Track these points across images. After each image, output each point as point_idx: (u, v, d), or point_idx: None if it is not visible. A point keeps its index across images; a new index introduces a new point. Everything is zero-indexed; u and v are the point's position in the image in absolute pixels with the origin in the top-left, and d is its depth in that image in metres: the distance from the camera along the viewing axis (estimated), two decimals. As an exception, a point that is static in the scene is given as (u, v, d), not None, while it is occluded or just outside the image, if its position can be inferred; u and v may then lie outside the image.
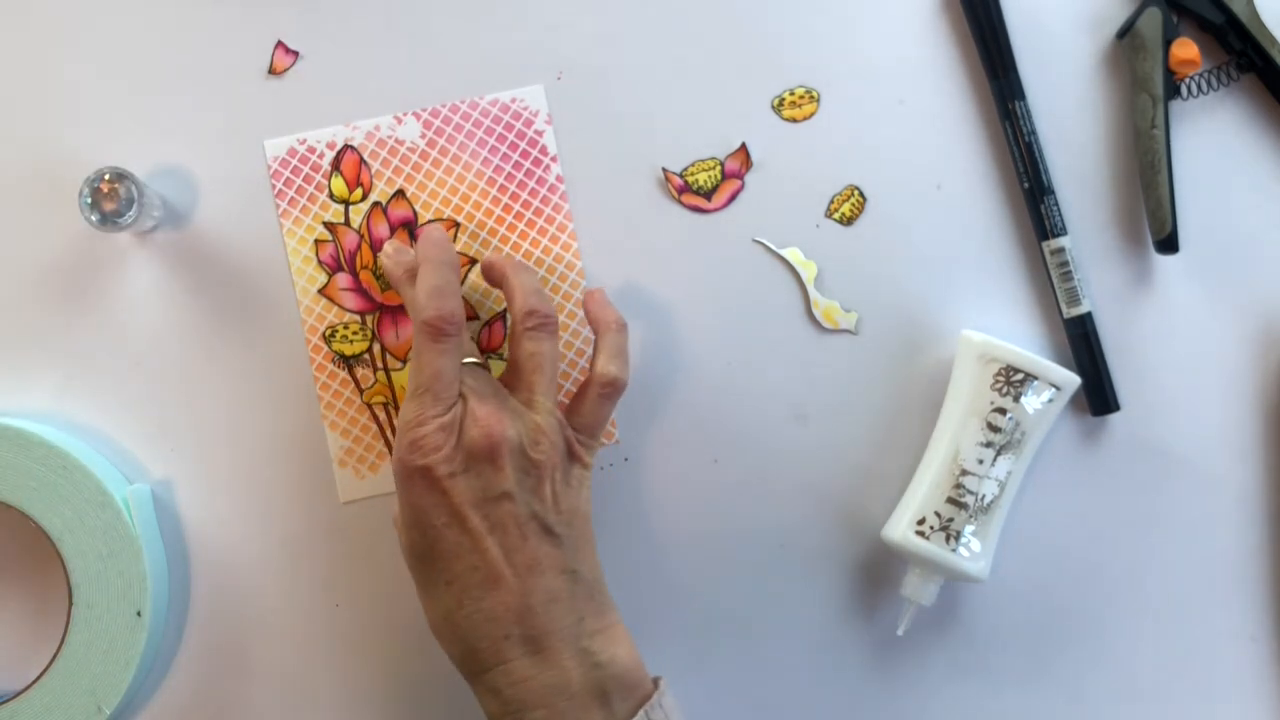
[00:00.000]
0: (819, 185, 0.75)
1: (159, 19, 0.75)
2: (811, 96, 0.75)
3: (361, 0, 0.75)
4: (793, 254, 0.74)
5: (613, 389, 0.69)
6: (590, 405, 0.69)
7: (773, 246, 0.75)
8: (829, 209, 0.75)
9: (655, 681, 0.66)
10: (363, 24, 0.75)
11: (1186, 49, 0.73)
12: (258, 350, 0.74)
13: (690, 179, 0.74)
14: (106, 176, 0.70)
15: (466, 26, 0.75)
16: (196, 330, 0.74)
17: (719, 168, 0.75)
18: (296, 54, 0.75)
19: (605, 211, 0.75)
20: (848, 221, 0.75)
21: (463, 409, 0.65)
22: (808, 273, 0.74)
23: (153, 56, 0.75)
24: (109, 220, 0.70)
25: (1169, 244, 0.72)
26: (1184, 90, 0.74)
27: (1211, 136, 0.75)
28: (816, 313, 0.74)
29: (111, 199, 0.70)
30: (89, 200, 0.70)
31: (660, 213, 0.75)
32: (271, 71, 0.75)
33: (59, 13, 0.75)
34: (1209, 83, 0.74)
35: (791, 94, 0.75)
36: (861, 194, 0.75)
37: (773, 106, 0.75)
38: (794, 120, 0.75)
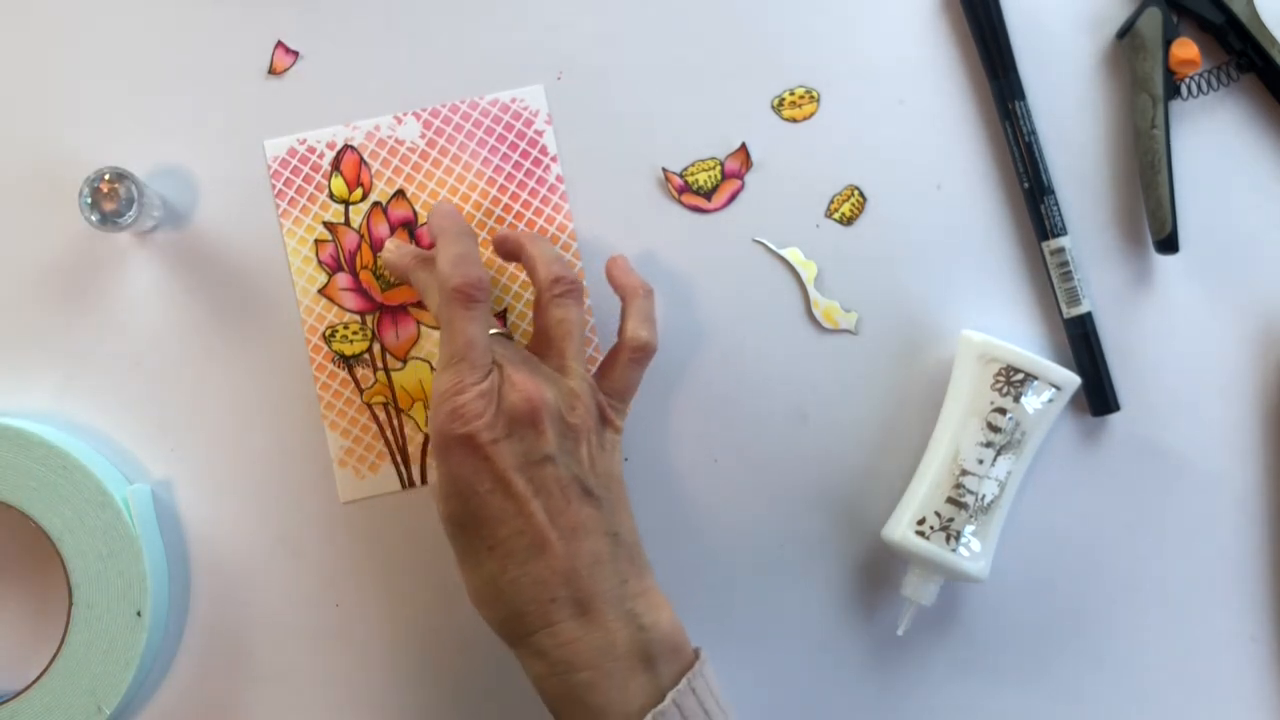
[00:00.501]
0: (819, 185, 0.75)
1: (159, 19, 0.75)
2: (811, 96, 0.75)
3: (361, 0, 0.75)
4: (793, 254, 0.74)
5: (643, 353, 0.69)
6: (621, 370, 0.69)
7: (773, 246, 0.75)
8: (829, 209, 0.75)
9: (696, 651, 0.66)
10: (363, 24, 0.75)
11: (1186, 49, 0.73)
12: (258, 351, 0.74)
13: (690, 179, 0.74)
14: (106, 176, 0.70)
15: (466, 26, 0.75)
16: (196, 330, 0.74)
17: (719, 168, 0.75)
18: (296, 54, 0.75)
19: (605, 211, 0.75)
20: (848, 221, 0.75)
21: (499, 375, 0.65)
22: (808, 273, 0.74)
23: (153, 56, 0.75)
24: (109, 220, 0.70)
25: (1169, 244, 0.72)
26: (1184, 90, 0.74)
27: (1211, 136, 0.75)
28: (816, 313, 0.74)
29: (111, 199, 0.70)
30: (89, 200, 0.70)
31: (660, 213, 0.75)
32: (271, 71, 0.75)
33: (59, 13, 0.75)
34: (1209, 83, 0.74)
35: (791, 94, 0.75)
36: (861, 194, 0.75)
37: (773, 106, 0.75)
38: (794, 120, 0.75)
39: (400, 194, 0.75)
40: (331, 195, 0.75)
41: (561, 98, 0.75)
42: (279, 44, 0.75)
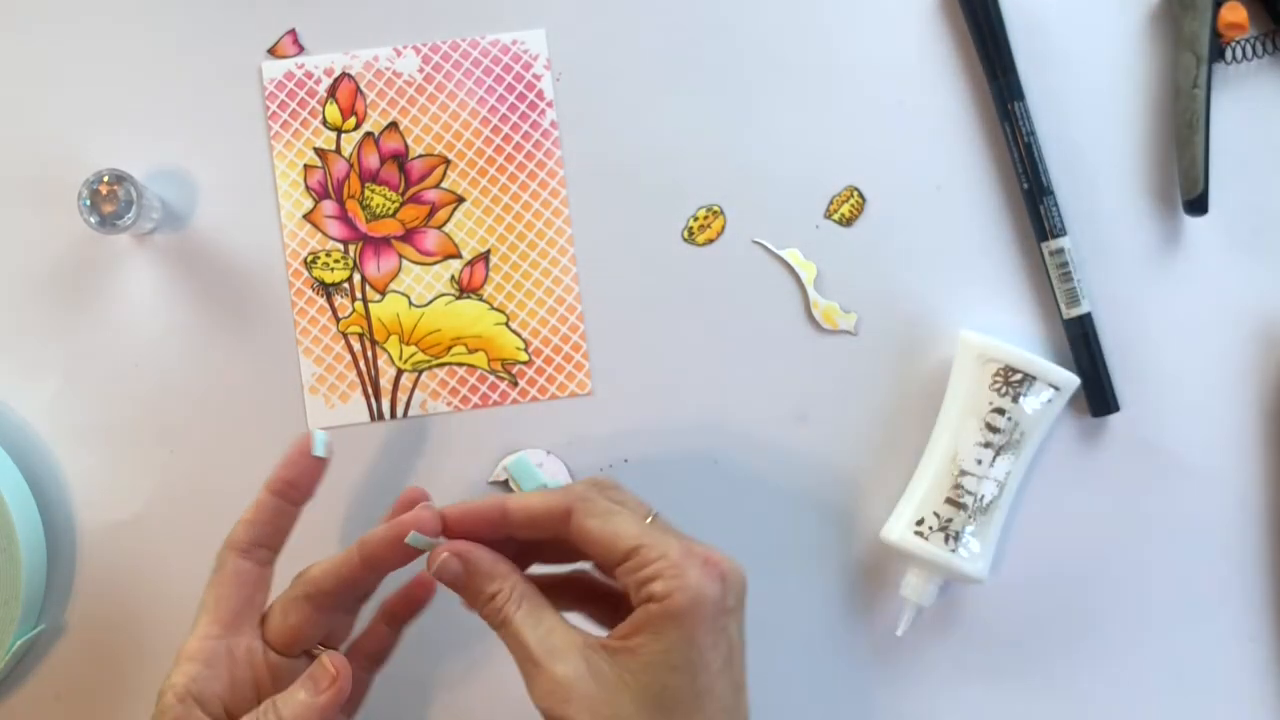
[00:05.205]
0: (819, 186, 0.75)
1: (159, 19, 0.75)
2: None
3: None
4: (792, 255, 0.74)
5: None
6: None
7: (772, 247, 0.74)
8: (829, 209, 0.75)
9: None
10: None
11: (1235, 13, 0.72)
12: (255, 352, 0.74)
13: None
14: (105, 179, 0.70)
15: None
16: (196, 332, 0.74)
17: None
18: (303, 48, 0.75)
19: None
20: (847, 222, 0.75)
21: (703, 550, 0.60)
22: (807, 274, 0.74)
23: (153, 57, 0.75)
24: (108, 222, 0.70)
25: (1199, 205, 0.72)
26: (1229, 54, 0.73)
27: (1248, 105, 0.74)
28: (816, 313, 0.74)
29: (110, 201, 0.70)
30: (88, 202, 0.70)
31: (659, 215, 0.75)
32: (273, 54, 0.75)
33: (59, 13, 0.75)
34: (1254, 49, 0.73)
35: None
36: (861, 194, 0.74)
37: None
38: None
39: (393, 126, 0.75)
40: (325, 122, 0.75)
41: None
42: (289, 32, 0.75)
